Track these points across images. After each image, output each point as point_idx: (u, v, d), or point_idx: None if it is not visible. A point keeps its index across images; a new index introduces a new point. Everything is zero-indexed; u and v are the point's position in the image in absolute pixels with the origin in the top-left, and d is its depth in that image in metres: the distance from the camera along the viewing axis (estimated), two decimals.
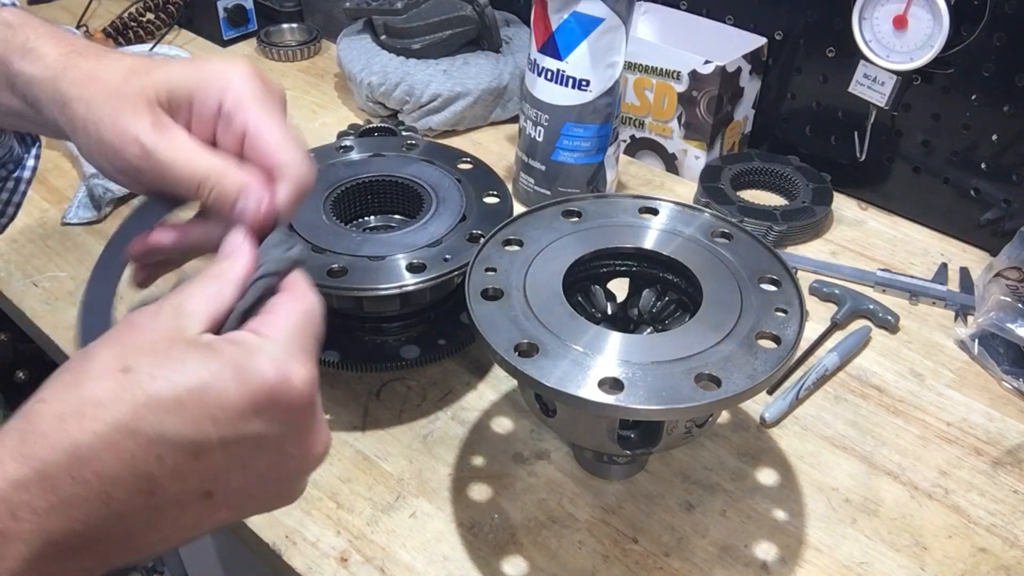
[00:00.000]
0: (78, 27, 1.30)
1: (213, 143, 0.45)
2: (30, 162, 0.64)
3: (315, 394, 0.38)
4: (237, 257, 0.41)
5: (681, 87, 0.98)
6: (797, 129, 1.03)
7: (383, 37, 1.10)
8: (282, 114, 0.46)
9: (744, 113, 1.03)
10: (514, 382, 0.72)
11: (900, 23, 0.84)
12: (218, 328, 0.38)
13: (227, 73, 0.45)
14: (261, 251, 0.42)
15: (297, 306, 0.39)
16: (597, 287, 0.67)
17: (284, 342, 0.37)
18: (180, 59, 0.50)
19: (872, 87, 0.88)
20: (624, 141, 1.06)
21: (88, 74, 0.45)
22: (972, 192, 0.92)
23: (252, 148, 0.44)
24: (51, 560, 0.33)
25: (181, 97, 0.45)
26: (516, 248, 0.63)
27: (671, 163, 1.04)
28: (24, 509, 0.32)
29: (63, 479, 0.32)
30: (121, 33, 1.29)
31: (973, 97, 0.88)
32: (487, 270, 0.60)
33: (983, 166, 0.90)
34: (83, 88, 0.45)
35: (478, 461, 0.67)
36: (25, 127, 0.51)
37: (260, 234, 0.44)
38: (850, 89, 0.90)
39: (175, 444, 0.34)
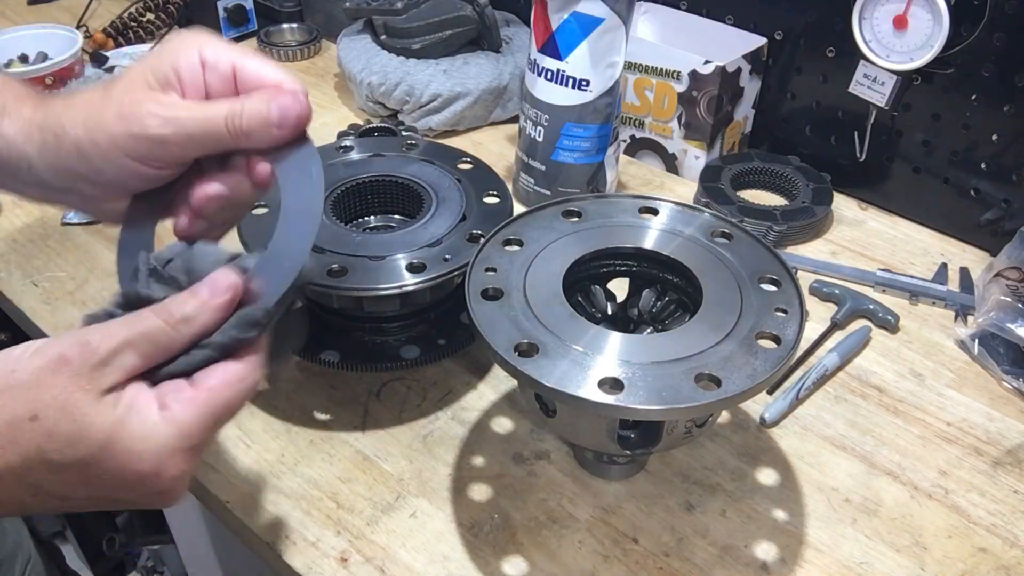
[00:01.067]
0: (78, 27, 1.30)
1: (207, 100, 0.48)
2: None
3: (179, 482, 0.42)
4: (203, 313, 0.43)
5: (681, 87, 0.98)
6: (797, 129, 1.03)
7: (383, 37, 1.10)
8: (254, 53, 0.49)
9: (744, 113, 1.03)
10: (514, 382, 0.72)
11: (900, 23, 0.84)
12: (153, 369, 0.42)
13: (193, 36, 0.49)
14: (235, 318, 0.44)
15: (222, 393, 0.42)
16: (597, 287, 0.67)
17: (177, 436, 0.41)
18: (141, 58, 0.51)
19: (872, 87, 0.88)
20: (624, 141, 1.06)
21: (67, 106, 0.48)
22: (972, 192, 0.92)
23: (245, 80, 0.47)
24: None
25: (167, 70, 0.47)
26: (516, 248, 0.63)
27: (671, 163, 1.04)
28: None
29: None
30: (121, 33, 1.29)
31: (973, 97, 0.88)
32: (487, 270, 0.60)
33: (983, 166, 0.90)
34: (72, 114, 0.47)
35: (478, 461, 0.67)
36: (4, 190, 0.52)
37: (294, 137, 0.47)
38: (850, 89, 0.90)
39: (49, 490, 0.41)
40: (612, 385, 0.51)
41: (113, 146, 0.46)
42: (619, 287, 0.68)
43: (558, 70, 0.86)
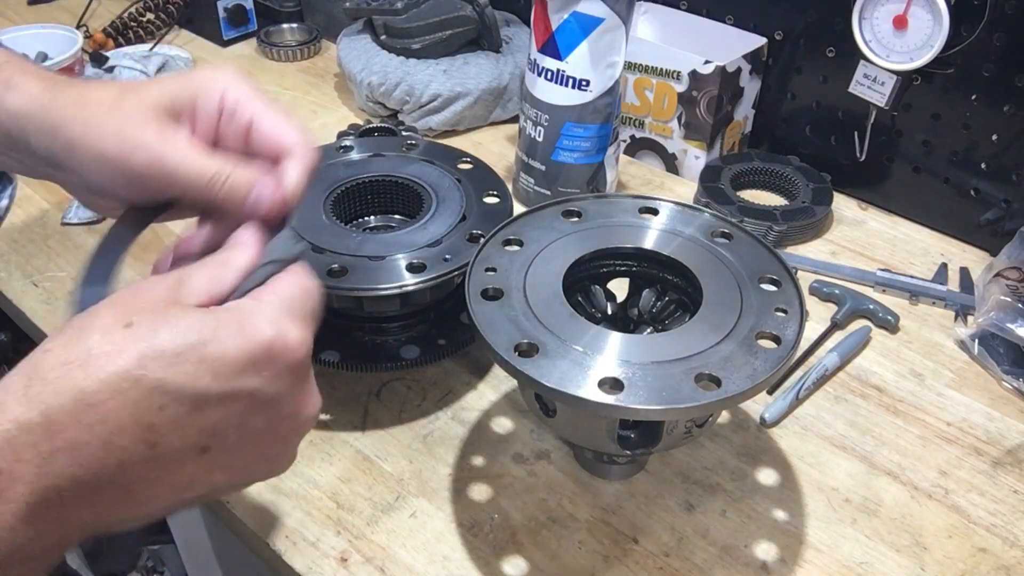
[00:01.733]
0: (78, 27, 1.30)
1: (214, 146, 0.47)
2: (3, 202, 0.64)
3: (308, 356, 0.39)
4: (242, 247, 0.42)
5: (681, 87, 0.98)
6: (797, 129, 1.03)
7: (383, 37, 1.10)
8: (278, 107, 0.48)
9: (744, 113, 1.03)
10: (514, 382, 0.72)
11: (900, 23, 0.84)
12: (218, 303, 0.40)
13: (223, 74, 0.47)
14: (268, 247, 0.44)
15: (295, 280, 0.41)
16: (597, 287, 0.67)
17: (280, 305, 0.39)
18: (166, 75, 0.50)
19: (872, 87, 0.88)
20: (624, 141, 1.06)
21: (78, 99, 0.46)
22: (972, 192, 0.92)
23: (258, 134, 0.46)
24: (51, 506, 0.33)
25: (184, 102, 0.46)
26: (516, 248, 0.63)
27: (671, 163, 1.04)
28: (28, 451, 0.33)
29: (67, 423, 0.33)
30: (121, 33, 1.29)
31: (973, 97, 0.88)
32: (487, 270, 0.60)
33: (983, 166, 0.90)
34: (77, 110, 0.46)
35: (478, 461, 0.67)
36: (4, 165, 0.51)
37: (272, 224, 0.46)
38: (850, 89, 0.90)
39: (176, 394, 0.35)
40: (612, 385, 0.51)
41: (103, 159, 0.45)
42: (619, 287, 0.68)
43: (558, 70, 0.86)
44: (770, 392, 0.73)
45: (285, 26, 1.32)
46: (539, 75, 0.88)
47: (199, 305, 0.39)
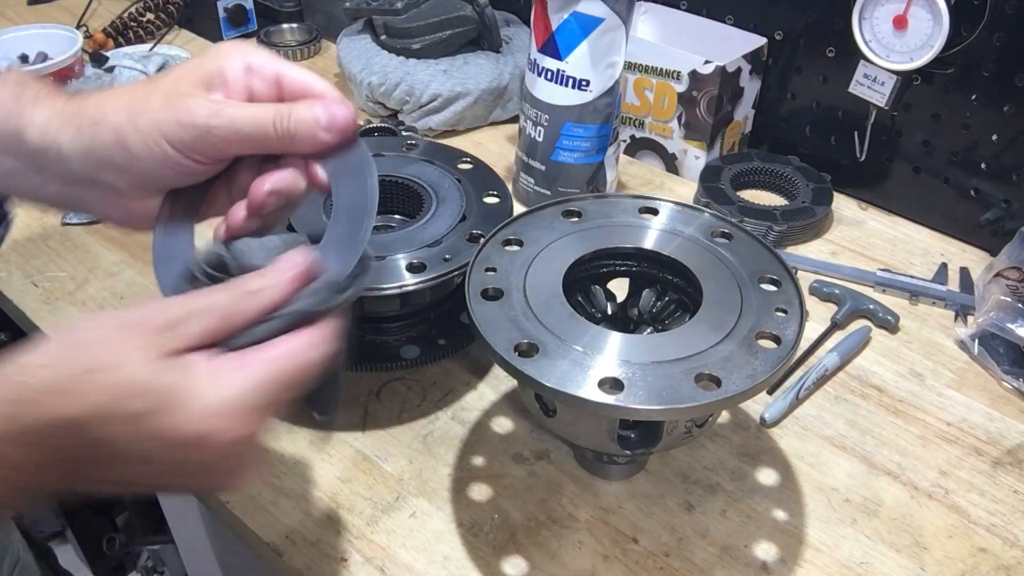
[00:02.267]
0: (78, 27, 1.30)
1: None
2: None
3: (239, 446, 0.41)
4: (274, 287, 0.43)
5: (681, 87, 0.98)
6: (797, 129, 1.03)
7: (383, 37, 1.10)
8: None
9: (744, 113, 1.03)
10: (514, 382, 0.72)
11: (900, 23, 0.84)
12: (221, 342, 0.42)
13: (238, 45, 0.49)
14: (309, 288, 0.44)
15: (284, 360, 0.42)
16: (597, 287, 0.67)
17: (230, 397, 0.40)
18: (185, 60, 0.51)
19: (872, 87, 0.88)
20: (624, 141, 1.06)
21: (109, 95, 0.48)
22: (972, 192, 0.92)
23: (290, 87, 0.48)
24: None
25: (213, 72, 0.47)
26: (516, 248, 0.63)
27: (671, 163, 1.04)
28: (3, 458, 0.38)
29: (34, 444, 0.39)
30: (121, 33, 1.29)
31: (973, 97, 0.88)
32: (487, 270, 0.60)
33: (983, 166, 0.90)
34: (115, 102, 0.47)
35: (478, 461, 0.67)
36: (23, 193, 0.52)
37: (346, 147, 0.48)
38: (850, 89, 0.90)
39: (114, 447, 0.40)
40: (612, 385, 0.51)
41: (156, 132, 0.45)
42: (619, 287, 0.68)
43: (558, 70, 0.86)
44: (770, 392, 0.73)
45: (285, 26, 1.32)
46: (539, 75, 0.88)
47: (186, 349, 0.41)
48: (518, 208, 0.71)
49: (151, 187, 0.49)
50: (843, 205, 0.99)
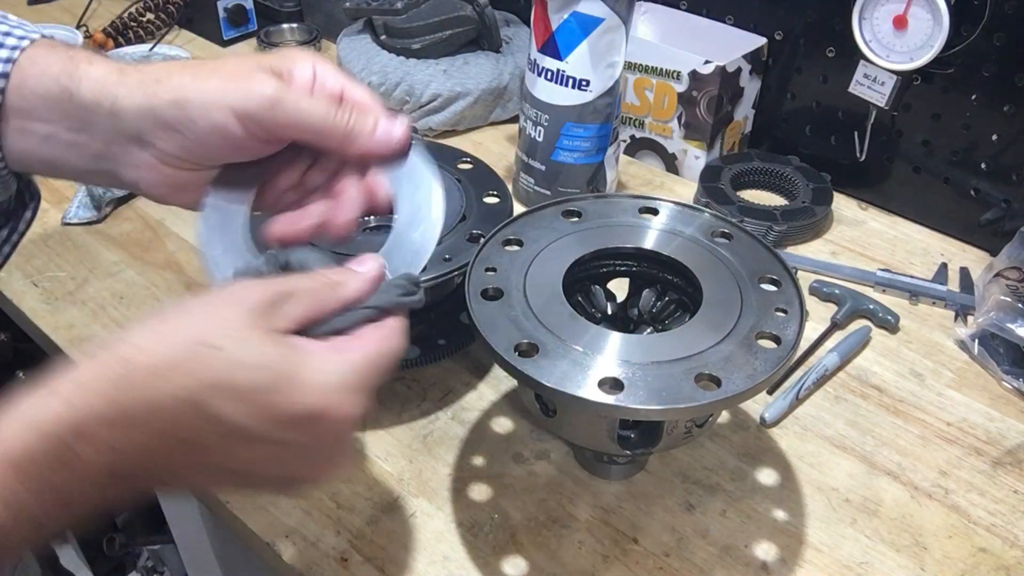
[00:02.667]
0: (78, 27, 1.30)
1: None
2: (27, 214, 0.65)
3: (351, 423, 0.42)
4: (356, 281, 0.45)
5: (681, 87, 0.98)
6: (797, 129, 1.03)
7: (383, 37, 1.10)
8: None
9: (744, 113, 1.03)
10: (514, 382, 0.72)
11: (900, 23, 0.84)
12: (306, 328, 0.42)
13: (308, 52, 0.51)
14: (384, 284, 0.46)
15: (380, 342, 0.43)
16: (597, 287, 0.67)
17: (343, 375, 0.41)
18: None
19: (872, 87, 0.88)
20: (624, 141, 1.06)
21: (171, 64, 0.49)
22: (972, 192, 0.92)
23: (350, 102, 0.49)
24: (113, 480, 0.38)
25: (282, 68, 0.48)
26: (516, 248, 0.63)
27: (671, 163, 1.04)
28: (101, 443, 0.37)
29: (137, 426, 0.38)
30: (121, 33, 1.29)
31: (973, 97, 0.88)
32: (487, 270, 0.60)
33: (983, 166, 0.90)
34: (179, 67, 0.48)
35: (478, 461, 0.67)
36: (60, 155, 0.51)
37: (399, 148, 0.49)
38: (850, 89, 0.90)
39: (230, 426, 0.39)
40: (612, 385, 0.51)
41: (221, 97, 0.46)
42: (619, 287, 0.68)
43: (558, 70, 0.86)
44: (770, 392, 0.73)
45: (285, 26, 1.32)
46: (539, 75, 0.88)
47: (287, 331, 0.41)
48: (518, 208, 0.71)
49: (198, 156, 0.49)
50: (843, 205, 0.99)
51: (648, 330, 0.66)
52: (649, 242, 0.64)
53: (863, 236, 0.94)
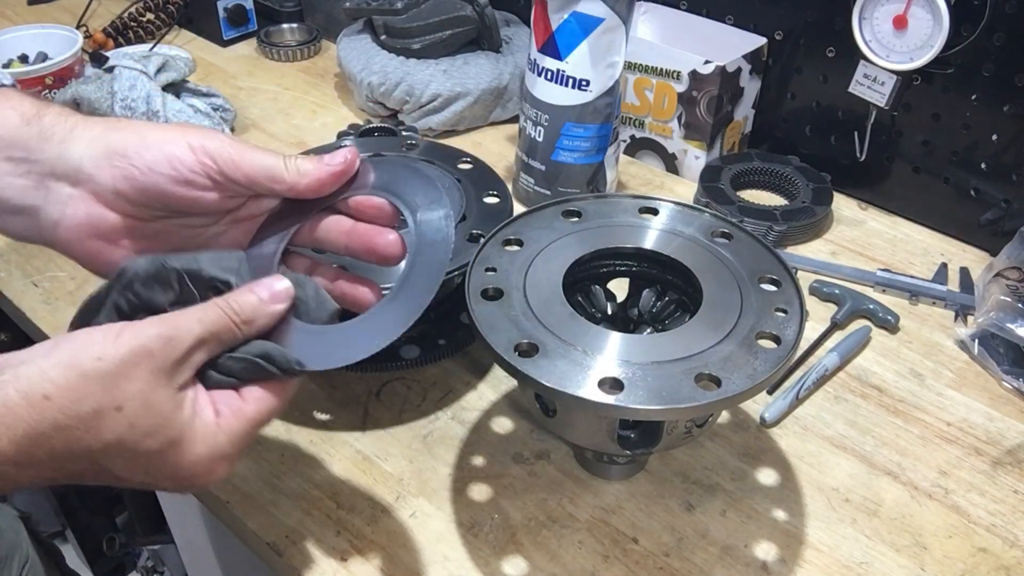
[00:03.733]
0: (78, 27, 1.30)
1: None
2: None
3: (219, 481, 0.46)
4: (258, 318, 0.46)
5: (681, 87, 0.98)
6: (797, 129, 1.03)
7: (383, 37, 1.10)
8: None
9: (744, 113, 1.03)
10: (514, 382, 0.72)
11: (900, 23, 0.84)
12: (220, 354, 0.45)
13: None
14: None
15: (258, 415, 0.46)
16: (597, 287, 0.67)
17: (222, 447, 0.44)
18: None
19: (872, 87, 0.88)
20: (624, 141, 1.06)
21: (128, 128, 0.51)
22: (972, 192, 0.92)
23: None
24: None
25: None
26: (516, 248, 0.63)
27: (671, 163, 1.04)
28: (4, 476, 0.40)
29: (37, 466, 0.41)
30: (121, 33, 1.29)
31: (973, 97, 0.88)
32: (487, 270, 0.60)
33: (983, 166, 0.90)
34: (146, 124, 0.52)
35: (478, 461, 0.67)
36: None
37: (346, 170, 0.51)
38: (850, 89, 0.90)
39: (111, 473, 0.43)
40: (612, 385, 0.51)
41: (181, 134, 0.49)
42: (619, 287, 0.68)
43: (558, 70, 0.86)
44: (770, 392, 0.73)
45: (285, 26, 1.32)
46: (539, 75, 0.88)
47: (189, 379, 0.44)
48: (518, 208, 0.71)
49: (137, 191, 0.49)
50: (843, 205, 0.99)
51: (648, 330, 0.66)
52: (649, 242, 0.64)
53: (863, 236, 0.94)
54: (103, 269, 0.52)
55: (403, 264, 0.52)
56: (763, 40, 0.99)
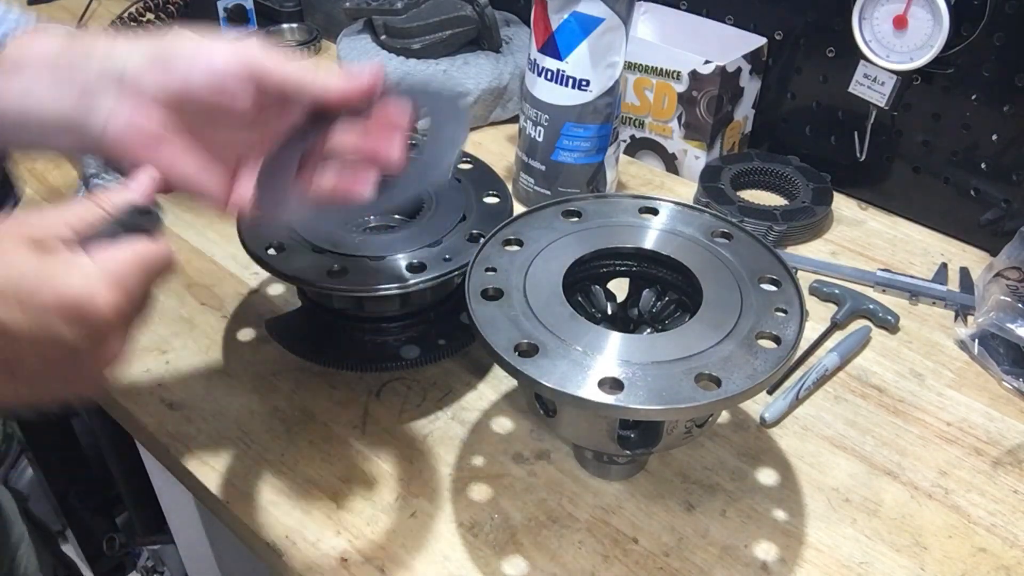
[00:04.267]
0: (78, 27, 1.30)
1: None
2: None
3: (115, 317, 0.43)
4: (119, 191, 0.48)
5: (681, 87, 0.98)
6: (797, 129, 1.03)
7: (383, 37, 1.10)
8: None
9: (744, 113, 1.03)
10: (514, 382, 0.72)
11: (900, 23, 0.84)
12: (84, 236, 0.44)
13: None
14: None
15: (134, 250, 0.45)
16: (597, 287, 0.67)
17: (104, 269, 0.43)
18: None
19: (872, 87, 0.88)
20: (624, 141, 1.06)
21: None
22: (972, 192, 0.92)
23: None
24: None
25: None
26: (516, 248, 0.63)
27: (671, 163, 1.04)
28: None
29: None
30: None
31: (973, 97, 0.88)
32: (487, 270, 0.60)
33: (983, 166, 0.90)
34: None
35: (478, 461, 0.67)
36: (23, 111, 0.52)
37: (367, 104, 0.53)
38: (850, 89, 0.90)
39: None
40: (612, 385, 0.51)
41: (223, 45, 0.50)
42: (619, 287, 0.68)
43: (558, 70, 0.86)
44: (770, 392, 0.73)
45: (285, 26, 1.32)
46: (539, 75, 0.88)
47: (50, 235, 0.43)
48: (518, 208, 0.71)
49: (179, 94, 0.50)
50: (843, 205, 0.99)
51: (648, 330, 0.66)
52: (649, 242, 0.64)
53: (863, 236, 0.94)
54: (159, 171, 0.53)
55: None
56: (763, 40, 0.99)
